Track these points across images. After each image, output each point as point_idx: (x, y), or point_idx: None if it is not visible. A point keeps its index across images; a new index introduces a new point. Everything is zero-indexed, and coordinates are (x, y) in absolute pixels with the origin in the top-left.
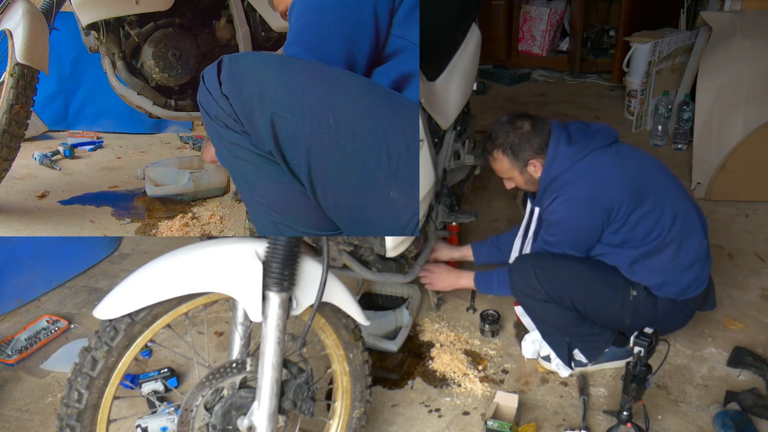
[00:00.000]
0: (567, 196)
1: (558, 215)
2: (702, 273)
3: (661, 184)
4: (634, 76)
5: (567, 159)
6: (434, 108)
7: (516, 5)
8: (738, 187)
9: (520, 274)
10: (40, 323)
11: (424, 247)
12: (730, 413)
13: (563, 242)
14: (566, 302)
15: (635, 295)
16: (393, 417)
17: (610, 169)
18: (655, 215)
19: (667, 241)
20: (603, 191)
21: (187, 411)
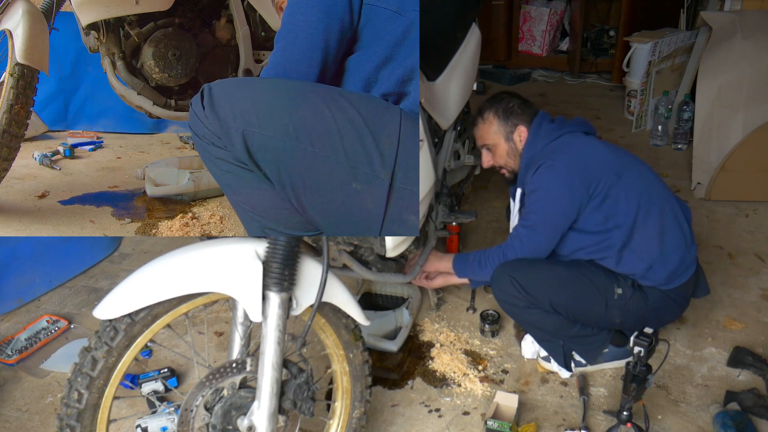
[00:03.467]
0: (549, 164)
1: (538, 182)
2: (688, 255)
3: (639, 167)
4: (634, 76)
5: (549, 134)
6: (434, 108)
7: (516, 5)
8: (738, 187)
9: (499, 285)
10: (40, 323)
11: (424, 247)
12: (730, 413)
13: (540, 216)
14: (546, 307)
15: (620, 293)
16: (393, 417)
17: (591, 145)
18: (636, 189)
19: (651, 216)
20: (584, 161)
21: (187, 411)
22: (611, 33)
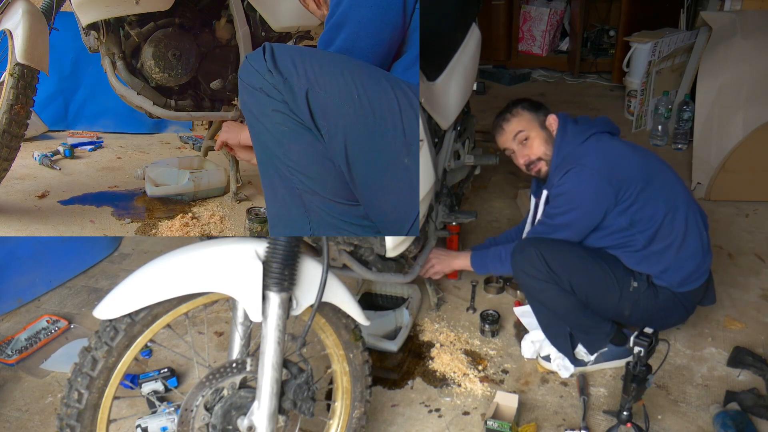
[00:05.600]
0: (579, 169)
1: (567, 186)
2: (704, 263)
3: (665, 172)
4: (634, 76)
5: (576, 136)
6: (434, 108)
7: (516, 5)
8: (738, 187)
9: (522, 254)
10: (40, 323)
11: (424, 247)
12: (730, 413)
13: (564, 219)
14: (565, 285)
15: (636, 287)
16: (393, 417)
17: (620, 150)
18: (663, 197)
19: (675, 224)
20: (613, 167)
21: (187, 411)
22: (611, 33)
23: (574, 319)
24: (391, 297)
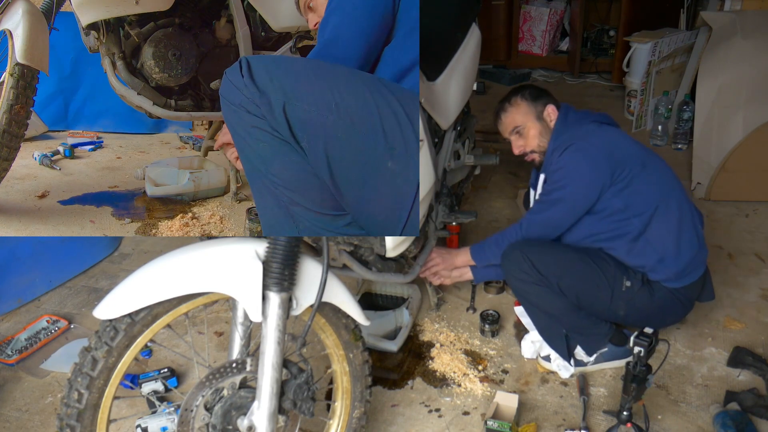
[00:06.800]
0: (577, 146)
1: (564, 161)
2: (700, 254)
3: (661, 162)
4: (634, 76)
5: (576, 122)
6: (434, 108)
7: (516, 5)
8: (738, 187)
9: (509, 258)
10: (40, 323)
11: (424, 247)
12: (730, 413)
13: (560, 194)
14: (554, 287)
15: (629, 286)
16: (393, 417)
17: (618, 134)
18: (658, 182)
19: (671, 209)
20: (611, 147)
21: (187, 411)
22: (611, 33)
23: (568, 321)
24: (391, 297)
